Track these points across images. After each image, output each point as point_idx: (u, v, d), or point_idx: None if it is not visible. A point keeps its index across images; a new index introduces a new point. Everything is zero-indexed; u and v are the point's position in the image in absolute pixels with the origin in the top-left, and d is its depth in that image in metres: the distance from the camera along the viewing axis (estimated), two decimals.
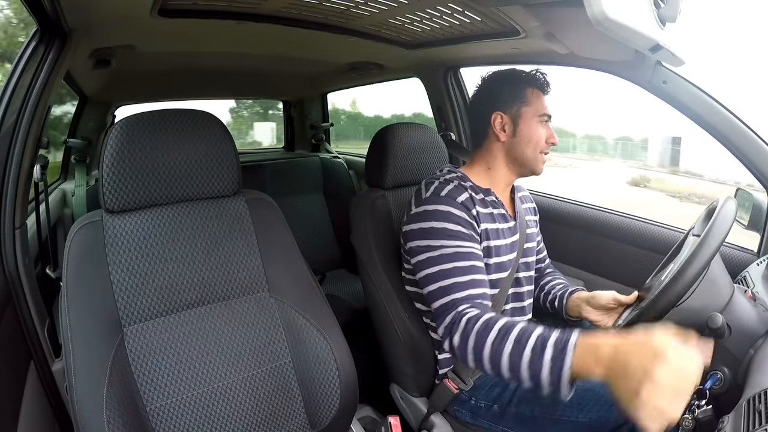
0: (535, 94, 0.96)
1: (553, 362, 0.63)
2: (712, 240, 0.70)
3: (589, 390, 0.84)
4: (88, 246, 0.75)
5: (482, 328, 0.73)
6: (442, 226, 0.86)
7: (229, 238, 0.84)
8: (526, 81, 0.97)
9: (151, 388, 0.73)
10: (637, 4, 0.63)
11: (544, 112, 0.96)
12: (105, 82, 1.51)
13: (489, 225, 0.92)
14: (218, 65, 1.62)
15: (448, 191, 0.90)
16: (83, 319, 0.71)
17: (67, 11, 0.82)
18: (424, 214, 0.88)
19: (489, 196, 0.96)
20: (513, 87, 0.96)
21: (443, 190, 0.90)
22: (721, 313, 0.71)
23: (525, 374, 0.67)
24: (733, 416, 0.58)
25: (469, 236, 0.87)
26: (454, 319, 0.79)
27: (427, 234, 0.87)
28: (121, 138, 0.75)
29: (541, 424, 0.87)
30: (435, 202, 0.88)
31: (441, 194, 0.89)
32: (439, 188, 0.90)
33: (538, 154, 0.96)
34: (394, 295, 0.98)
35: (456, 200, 0.88)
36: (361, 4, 0.94)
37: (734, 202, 0.76)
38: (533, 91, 0.96)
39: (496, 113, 0.95)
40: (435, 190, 0.90)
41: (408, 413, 1.04)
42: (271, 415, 0.80)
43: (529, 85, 0.97)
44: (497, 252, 0.93)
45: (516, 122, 0.95)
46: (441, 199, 0.89)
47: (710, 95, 0.95)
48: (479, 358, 0.73)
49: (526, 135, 0.95)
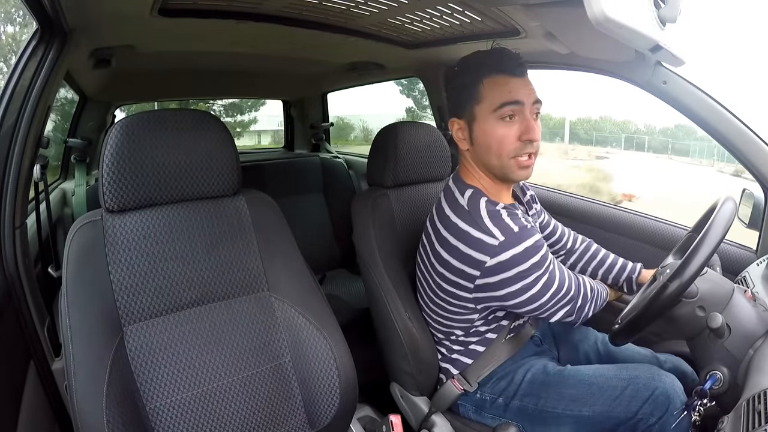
0: (490, 84, 0.78)
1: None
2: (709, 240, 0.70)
3: (592, 384, 0.85)
4: (87, 245, 0.75)
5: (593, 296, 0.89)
6: (534, 261, 0.78)
7: (229, 237, 0.84)
8: (477, 70, 0.79)
9: (150, 387, 0.73)
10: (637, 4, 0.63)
11: (502, 100, 0.76)
12: (105, 82, 1.51)
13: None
14: (218, 65, 1.62)
15: (511, 221, 0.79)
16: (83, 319, 0.71)
17: (67, 11, 0.82)
18: (511, 260, 0.77)
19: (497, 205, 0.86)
20: (465, 82, 0.81)
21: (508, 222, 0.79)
22: (721, 313, 0.71)
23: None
24: (733, 416, 0.58)
25: (544, 246, 0.81)
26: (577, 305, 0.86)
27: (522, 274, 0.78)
28: (121, 138, 0.75)
29: (543, 418, 0.88)
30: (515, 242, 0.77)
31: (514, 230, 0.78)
32: (497, 221, 0.79)
33: (507, 161, 0.79)
34: (396, 294, 0.98)
35: (525, 225, 0.80)
36: (361, 4, 0.94)
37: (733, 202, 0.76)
38: (489, 80, 0.78)
39: (452, 120, 0.84)
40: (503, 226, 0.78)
41: (408, 412, 1.04)
42: (270, 415, 0.80)
43: (483, 74, 0.78)
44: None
45: (471, 126, 0.81)
46: (517, 234, 0.78)
47: (710, 95, 0.95)
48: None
49: (481, 141, 0.80)
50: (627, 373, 0.84)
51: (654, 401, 0.78)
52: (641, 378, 0.82)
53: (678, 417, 0.75)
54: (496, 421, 0.92)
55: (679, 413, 0.76)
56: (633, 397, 0.80)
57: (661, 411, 0.78)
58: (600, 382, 0.85)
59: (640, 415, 0.79)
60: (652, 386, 0.79)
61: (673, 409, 0.77)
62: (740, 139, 0.94)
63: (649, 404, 0.79)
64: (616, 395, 0.82)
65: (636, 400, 0.80)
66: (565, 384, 0.88)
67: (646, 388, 0.80)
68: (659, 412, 0.78)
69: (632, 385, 0.81)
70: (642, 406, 0.79)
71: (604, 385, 0.84)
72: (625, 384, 0.82)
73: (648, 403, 0.79)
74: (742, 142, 0.94)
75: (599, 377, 0.86)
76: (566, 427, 0.86)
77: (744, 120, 0.95)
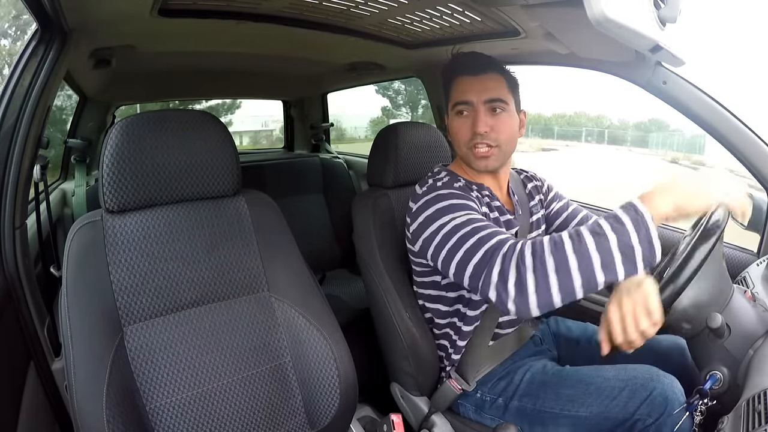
0: (455, 84, 0.90)
1: (636, 228, 0.62)
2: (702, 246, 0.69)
3: (590, 384, 0.85)
4: (88, 246, 0.75)
5: (551, 246, 0.65)
6: (446, 204, 0.81)
7: (229, 238, 0.84)
8: (448, 73, 0.92)
9: (150, 387, 0.73)
10: (637, 4, 0.63)
11: (456, 100, 0.89)
12: (105, 82, 1.51)
13: (486, 211, 0.90)
14: (218, 65, 1.62)
15: (443, 182, 0.88)
16: (83, 319, 0.71)
17: (67, 11, 0.82)
18: (424, 204, 0.85)
19: (483, 190, 0.94)
20: (444, 84, 0.93)
21: (438, 183, 0.88)
22: (721, 313, 0.71)
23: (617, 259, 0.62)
24: (733, 417, 0.58)
25: (476, 208, 0.82)
26: (501, 267, 0.67)
27: (433, 218, 0.81)
28: (121, 138, 0.75)
29: (542, 418, 0.87)
30: (433, 191, 0.85)
31: (437, 185, 0.87)
32: (433, 183, 0.88)
33: (465, 150, 0.91)
34: (396, 293, 0.98)
35: (454, 186, 0.86)
36: (361, 4, 0.94)
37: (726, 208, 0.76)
38: (456, 81, 0.90)
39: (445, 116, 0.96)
40: (430, 185, 0.88)
41: (408, 412, 1.04)
42: (270, 415, 0.80)
43: (452, 75, 0.91)
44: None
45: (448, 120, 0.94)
46: (439, 188, 0.86)
47: (710, 95, 0.95)
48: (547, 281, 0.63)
49: (451, 132, 0.93)
50: (626, 374, 0.84)
51: (652, 402, 0.78)
52: (639, 379, 0.81)
53: (680, 417, 0.75)
54: (495, 422, 0.92)
55: (680, 414, 0.75)
56: (630, 398, 0.80)
57: (658, 412, 0.77)
58: (598, 383, 0.84)
59: (638, 415, 0.79)
60: (650, 387, 0.79)
61: (670, 411, 0.77)
62: (740, 139, 0.94)
63: (647, 405, 0.78)
64: (613, 396, 0.82)
65: (633, 400, 0.79)
66: (563, 384, 0.87)
67: (644, 389, 0.79)
68: (657, 413, 0.77)
69: (630, 385, 0.81)
70: (639, 406, 0.79)
71: (602, 386, 0.83)
72: (623, 384, 0.82)
73: (645, 404, 0.78)
74: (742, 142, 0.94)
75: (597, 377, 0.86)
76: (564, 428, 0.85)
77: (744, 120, 0.95)
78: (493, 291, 0.68)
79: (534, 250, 0.66)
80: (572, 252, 0.63)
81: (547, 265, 0.64)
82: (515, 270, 0.66)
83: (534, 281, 0.64)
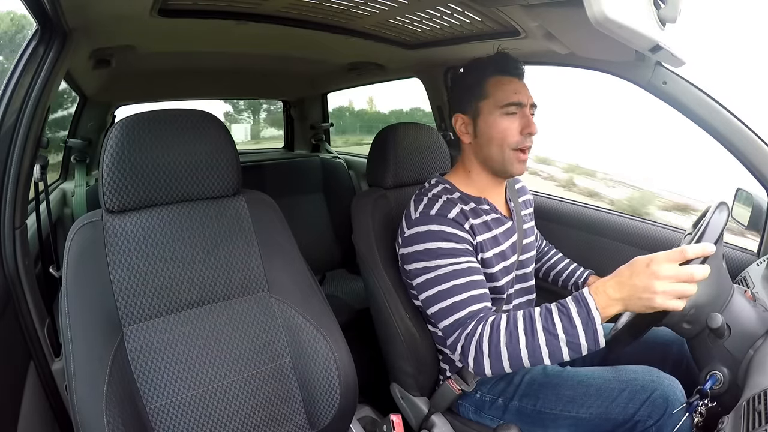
0: (496, 83, 0.87)
1: (586, 330, 0.69)
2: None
3: (590, 386, 0.85)
4: (88, 246, 0.75)
5: (507, 338, 0.74)
6: (435, 246, 0.83)
7: (229, 238, 0.84)
8: (482, 70, 0.88)
9: (150, 387, 0.73)
10: (637, 4, 0.63)
11: (508, 101, 0.85)
12: (105, 82, 1.51)
13: (486, 235, 0.89)
14: (218, 65, 1.62)
15: (438, 209, 0.85)
16: (83, 319, 0.71)
17: (67, 11, 0.82)
18: (417, 236, 0.85)
19: (480, 204, 0.92)
20: (470, 82, 0.89)
21: (433, 208, 0.86)
22: (721, 313, 0.71)
23: (564, 352, 0.71)
24: (733, 416, 0.58)
25: (463, 251, 0.83)
26: (464, 343, 0.78)
27: (421, 256, 0.84)
28: (121, 138, 0.75)
29: (542, 419, 0.87)
30: (426, 222, 0.84)
31: (431, 213, 0.85)
32: (428, 206, 0.86)
33: (509, 152, 0.87)
34: (395, 294, 0.98)
35: (447, 217, 0.84)
36: (361, 4, 0.94)
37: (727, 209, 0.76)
38: (495, 80, 0.87)
39: (456, 115, 0.92)
40: (424, 209, 0.86)
41: (408, 412, 1.04)
42: (270, 415, 0.80)
43: (488, 73, 0.88)
44: (500, 258, 0.91)
45: (475, 120, 0.89)
46: (432, 218, 0.84)
47: (710, 96, 0.95)
48: (500, 363, 0.74)
49: (485, 133, 0.88)
50: (626, 375, 0.84)
51: (652, 403, 0.78)
52: (640, 380, 0.81)
53: (680, 418, 0.75)
54: (495, 422, 0.92)
55: (680, 414, 0.75)
56: (631, 399, 0.80)
57: (659, 413, 0.77)
58: (598, 384, 0.84)
59: (638, 417, 0.79)
60: (651, 388, 0.79)
61: (671, 412, 0.77)
62: (740, 139, 0.94)
63: (647, 406, 0.78)
64: (613, 397, 0.81)
65: (634, 402, 0.79)
66: (564, 385, 0.87)
67: (644, 390, 0.79)
68: (657, 414, 0.77)
69: (630, 386, 0.81)
70: (639, 408, 0.79)
71: (602, 387, 0.83)
72: (623, 386, 0.82)
73: (646, 405, 0.78)
74: (742, 142, 0.94)
75: (598, 379, 0.86)
76: (564, 428, 0.85)
77: (744, 120, 0.94)
78: (457, 355, 0.80)
79: (491, 339, 0.75)
80: (524, 346, 0.72)
81: (501, 353, 0.74)
82: (474, 351, 0.77)
83: (489, 363, 0.75)
